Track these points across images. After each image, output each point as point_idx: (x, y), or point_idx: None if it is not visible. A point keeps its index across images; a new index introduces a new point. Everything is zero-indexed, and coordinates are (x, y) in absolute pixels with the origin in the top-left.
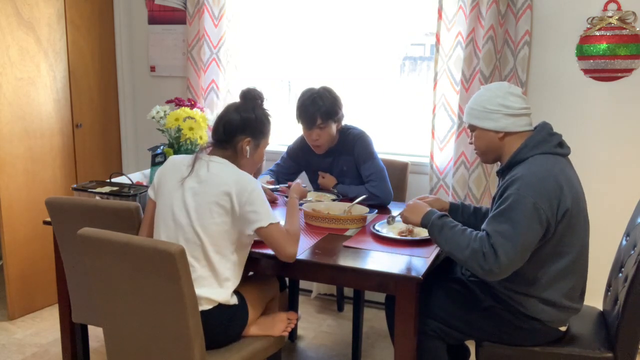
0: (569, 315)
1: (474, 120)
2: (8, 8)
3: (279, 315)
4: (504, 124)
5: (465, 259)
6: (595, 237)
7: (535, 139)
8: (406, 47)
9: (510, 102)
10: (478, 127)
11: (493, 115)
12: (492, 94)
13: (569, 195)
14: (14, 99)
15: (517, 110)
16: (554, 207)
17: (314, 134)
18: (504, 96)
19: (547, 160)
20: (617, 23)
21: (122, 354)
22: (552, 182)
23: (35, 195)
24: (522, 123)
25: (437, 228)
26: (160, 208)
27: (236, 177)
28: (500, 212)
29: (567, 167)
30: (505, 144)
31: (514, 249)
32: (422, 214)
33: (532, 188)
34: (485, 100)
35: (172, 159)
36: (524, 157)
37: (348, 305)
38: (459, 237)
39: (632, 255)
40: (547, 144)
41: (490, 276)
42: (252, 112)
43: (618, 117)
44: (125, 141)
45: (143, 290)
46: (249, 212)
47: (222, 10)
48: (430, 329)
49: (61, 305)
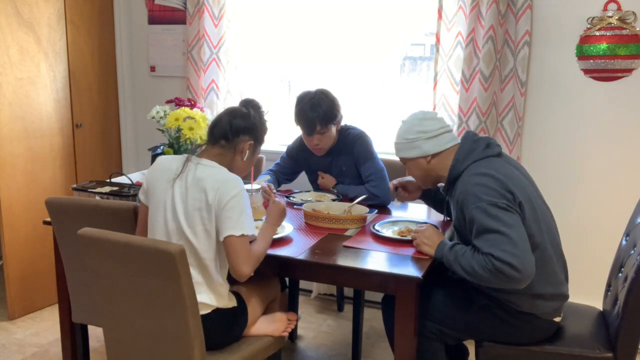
0: (559, 304)
1: (401, 153)
2: (8, 8)
3: (279, 315)
4: (426, 148)
5: (487, 280)
6: (595, 237)
7: (463, 150)
8: (406, 47)
9: (426, 126)
10: (407, 159)
11: (414, 143)
12: (408, 125)
13: (515, 189)
14: (14, 99)
15: (435, 132)
16: (509, 199)
17: (315, 139)
18: (419, 123)
19: (480, 165)
20: (617, 23)
21: (122, 354)
22: (492, 181)
23: (35, 195)
24: (444, 141)
25: (452, 261)
26: (152, 213)
27: (223, 180)
28: (478, 232)
29: (501, 164)
30: (436, 165)
31: (515, 246)
32: (435, 246)
33: (480, 195)
34: (404, 132)
35: (160, 160)
36: (460, 170)
37: (348, 305)
38: (472, 263)
39: (632, 255)
40: (475, 152)
41: (519, 284)
42: (258, 119)
43: (618, 117)
44: (125, 141)
45: (143, 290)
46: (225, 217)
47: (222, 10)
48: (428, 330)
49: (61, 305)
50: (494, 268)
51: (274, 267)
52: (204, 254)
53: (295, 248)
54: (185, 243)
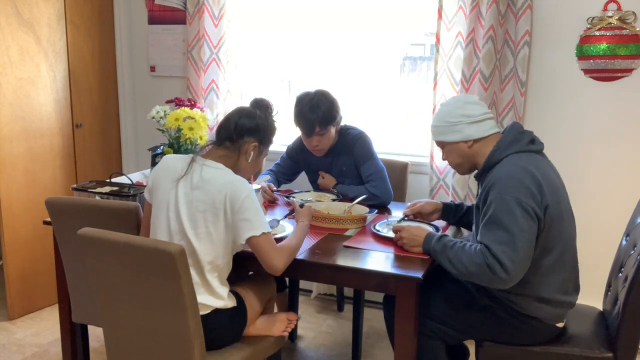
0: (564, 311)
1: (440, 136)
2: (8, 8)
3: (279, 315)
4: (469, 132)
5: (471, 275)
6: (595, 237)
7: (507, 139)
8: (406, 47)
9: (469, 110)
10: (447, 142)
11: (457, 127)
12: (451, 107)
13: (547, 191)
14: (14, 99)
15: (478, 117)
16: (538, 201)
17: (314, 140)
18: (462, 107)
19: (521, 158)
20: (617, 23)
21: (122, 354)
22: (529, 178)
23: (35, 195)
24: (486, 127)
25: (438, 252)
26: (155, 213)
27: (230, 183)
28: (489, 220)
29: (542, 162)
30: (476, 150)
31: (516, 252)
32: (422, 241)
33: (511, 188)
34: (446, 114)
35: (165, 159)
36: (498, 158)
37: (348, 305)
38: (460, 256)
39: (632, 255)
40: (519, 143)
41: (502, 285)
42: (265, 120)
43: (618, 117)
44: (125, 141)
45: (143, 290)
46: (242, 220)
47: (222, 10)
48: (429, 329)
49: (61, 305)
50: (484, 262)
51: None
52: (203, 256)
53: None
54: (187, 244)
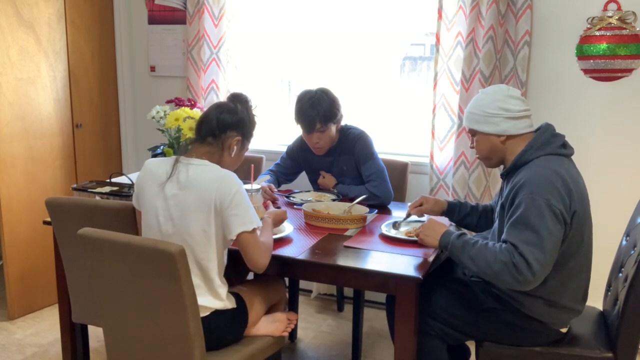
0: (570, 317)
1: (474, 124)
2: (8, 8)
3: (279, 315)
4: (504, 127)
5: (495, 274)
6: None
7: (539, 140)
8: (406, 47)
9: (510, 105)
10: (479, 132)
11: (493, 119)
12: (491, 97)
13: (576, 196)
14: (14, 99)
15: (517, 113)
16: (566, 206)
17: (314, 137)
18: (503, 99)
19: (552, 161)
20: (617, 23)
21: (122, 354)
22: (560, 182)
23: (35, 195)
24: (523, 125)
25: (459, 249)
26: (145, 219)
27: (219, 178)
28: (517, 220)
29: (571, 167)
30: (508, 147)
31: (543, 254)
32: (439, 235)
33: (542, 189)
34: (484, 104)
35: (147, 164)
36: (529, 159)
37: (348, 305)
38: (484, 253)
39: (632, 255)
40: (551, 145)
41: (527, 286)
42: (246, 114)
43: (618, 117)
44: (125, 141)
45: (143, 290)
46: (233, 215)
47: (222, 10)
48: (431, 328)
49: (61, 305)
50: (511, 260)
51: (275, 267)
52: (201, 255)
53: (295, 248)
54: (183, 245)
